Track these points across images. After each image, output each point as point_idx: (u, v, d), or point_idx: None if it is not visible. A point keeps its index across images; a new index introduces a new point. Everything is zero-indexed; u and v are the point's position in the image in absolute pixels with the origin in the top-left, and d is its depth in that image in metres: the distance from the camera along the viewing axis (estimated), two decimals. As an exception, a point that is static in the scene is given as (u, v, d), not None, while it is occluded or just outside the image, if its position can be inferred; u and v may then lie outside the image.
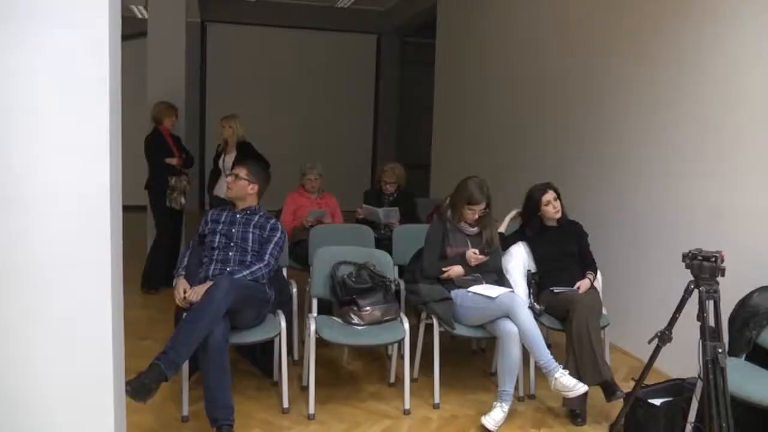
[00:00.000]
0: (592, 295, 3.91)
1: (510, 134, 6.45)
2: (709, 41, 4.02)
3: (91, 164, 2.26)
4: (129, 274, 2.73)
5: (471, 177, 3.98)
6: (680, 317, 2.92)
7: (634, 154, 4.67)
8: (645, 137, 4.56)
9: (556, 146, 5.57)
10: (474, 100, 7.31)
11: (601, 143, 5.00)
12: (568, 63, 5.44)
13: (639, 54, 4.59)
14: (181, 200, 5.74)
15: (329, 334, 3.61)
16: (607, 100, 4.95)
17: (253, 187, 3.81)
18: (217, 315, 3.19)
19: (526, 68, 6.17)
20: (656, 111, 4.46)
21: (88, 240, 2.28)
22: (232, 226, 3.75)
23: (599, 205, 4.96)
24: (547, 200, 4.11)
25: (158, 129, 5.77)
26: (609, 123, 4.92)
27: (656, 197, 4.47)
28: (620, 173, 4.80)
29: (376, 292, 3.83)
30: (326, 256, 4.00)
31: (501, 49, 6.71)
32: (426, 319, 3.89)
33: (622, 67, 4.77)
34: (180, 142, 6.00)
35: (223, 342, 3.19)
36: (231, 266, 3.63)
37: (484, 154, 7.00)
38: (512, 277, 4.05)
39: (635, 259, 4.63)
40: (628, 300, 4.62)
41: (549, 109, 5.74)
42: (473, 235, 4.01)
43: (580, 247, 4.14)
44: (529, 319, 3.58)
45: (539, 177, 4.44)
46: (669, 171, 4.36)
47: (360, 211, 5.27)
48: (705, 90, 4.05)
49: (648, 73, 4.52)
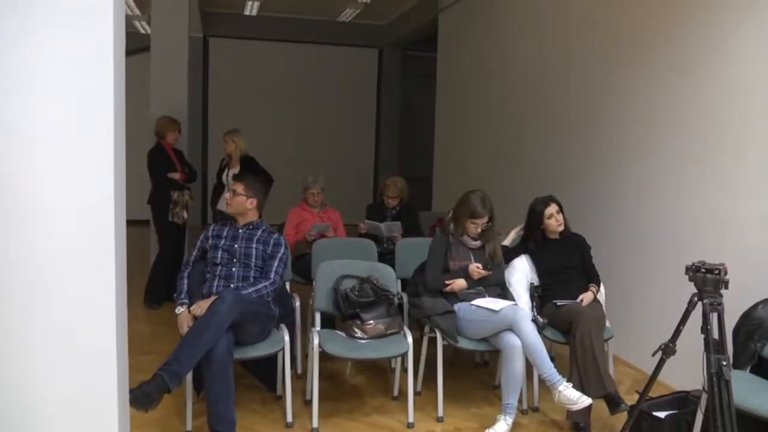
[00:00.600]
0: (596, 308, 3.91)
1: (512, 146, 6.47)
2: (713, 47, 4.02)
3: (95, 178, 2.27)
4: (132, 289, 2.74)
5: (474, 190, 3.99)
6: (684, 329, 2.92)
7: (635, 165, 4.68)
8: (647, 147, 4.57)
9: (558, 157, 5.58)
10: (475, 112, 7.34)
11: (603, 154, 5.01)
12: (570, 74, 5.47)
13: (640, 64, 4.62)
14: (183, 215, 5.74)
15: (332, 347, 3.61)
16: (608, 111, 4.96)
17: (251, 201, 3.82)
18: (221, 328, 3.18)
19: (527, 80, 6.20)
20: (658, 120, 4.47)
21: (92, 254, 2.29)
22: (234, 241, 3.75)
23: (602, 216, 4.96)
24: (550, 213, 4.11)
25: (161, 143, 5.79)
26: (611, 134, 4.94)
27: (659, 207, 4.47)
28: (622, 184, 4.81)
29: (379, 306, 3.83)
30: (329, 269, 4.00)
31: (502, 61, 6.75)
32: (429, 332, 3.89)
33: (622, 77, 4.79)
34: (182, 156, 6.00)
35: (227, 355, 3.19)
36: (234, 282, 3.62)
37: (486, 167, 7.02)
38: (515, 290, 4.05)
39: (638, 271, 4.63)
40: (632, 312, 4.62)
41: (551, 120, 5.76)
42: (476, 249, 4.02)
43: (583, 259, 4.14)
44: (533, 332, 3.58)
45: (542, 189, 4.45)
46: (671, 180, 4.36)
47: (362, 227, 5.28)
48: (708, 98, 4.06)
49: (649, 83, 4.54)
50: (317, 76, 10.60)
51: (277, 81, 10.45)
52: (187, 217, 5.81)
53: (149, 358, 4.15)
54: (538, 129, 5.97)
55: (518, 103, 6.37)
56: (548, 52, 5.84)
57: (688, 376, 3.27)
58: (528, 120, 6.17)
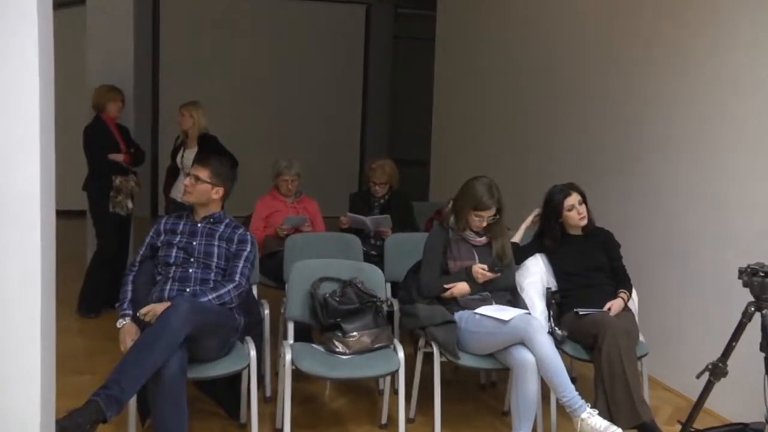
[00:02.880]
0: (626, 318, 3.92)
1: (525, 126, 6.48)
2: (748, 29, 4.03)
3: (16, 160, 2.24)
4: (63, 295, 2.71)
5: (478, 177, 4.00)
6: (738, 345, 2.90)
7: (668, 148, 4.68)
8: (681, 127, 4.58)
9: (578, 140, 5.59)
10: (483, 82, 7.34)
11: (629, 136, 5.01)
12: (595, 38, 5.45)
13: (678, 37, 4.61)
14: (128, 204, 5.73)
15: (308, 365, 3.60)
16: (634, 86, 4.96)
17: (217, 191, 3.79)
18: (174, 342, 3.17)
19: (545, 47, 6.19)
20: (695, 98, 4.47)
21: (12, 252, 2.25)
22: (192, 238, 3.74)
23: (628, 209, 4.98)
24: (571, 204, 4.12)
25: (100, 118, 5.76)
26: (637, 113, 4.94)
27: (697, 198, 4.48)
28: (653, 170, 4.82)
29: (365, 315, 3.84)
30: (305, 271, 4.00)
31: (516, 21, 6.73)
32: (425, 346, 3.90)
33: (657, 42, 4.78)
34: (128, 133, 5.99)
35: (180, 375, 3.18)
36: (191, 286, 3.62)
37: (494, 149, 7.03)
38: (528, 295, 4.06)
39: (678, 272, 4.64)
40: (670, 323, 4.63)
41: (569, 96, 5.75)
42: (481, 246, 4.03)
43: (610, 259, 4.16)
44: (549, 346, 3.59)
45: (559, 176, 4.45)
46: (710, 167, 4.37)
47: (344, 221, 5.27)
48: (748, 78, 4.07)
49: (687, 57, 4.53)
50: (291, 37, 10.56)
51: (244, 43, 10.39)
52: (132, 208, 5.80)
53: (83, 380, 4.14)
54: (555, 105, 5.98)
55: (533, 74, 6.36)
56: (571, 14, 5.82)
57: (744, 403, 3.26)
58: (544, 95, 6.17)
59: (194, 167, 3.85)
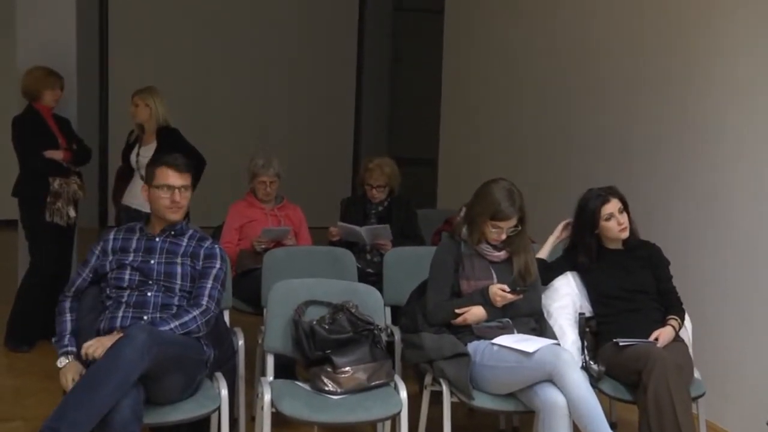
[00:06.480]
0: (678, 350, 3.94)
1: (555, 117, 6.46)
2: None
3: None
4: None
5: (496, 180, 4.01)
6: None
7: (728, 143, 4.69)
8: (747, 118, 4.59)
9: (616, 135, 5.58)
10: (503, 67, 7.33)
11: (680, 127, 5.01)
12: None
13: None
14: (69, 212, 5.68)
15: (291, 406, 3.62)
16: (694, 70, 4.98)
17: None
18: (127, 380, 3.19)
19: (576, 26, 6.20)
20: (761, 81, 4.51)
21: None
22: (149, 255, 3.75)
23: (679, 219, 4.99)
24: (609, 212, 4.14)
25: (33, 108, 5.70)
26: (694, 98, 4.94)
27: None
28: (711, 171, 4.82)
29: (360, 346, 3.85)
30: (287, 293, 4.02)
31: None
32: (432, 384, 3.91)
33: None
34: (69, 126, 5.94)
35: (134, 420, 3.20)
36: (150, 312, 3.63)
37: (515, 146, 7.03)
38: (557, 323, 4.09)
39: (738, 297, 4.66)
40: (731, 357, 4.64)
41: (607, 83, 5.75)
42: (500, 263, 4.05)
43: (657, 279, 4.18)
44: (583, 384, 3.60)
45: (592, 180, 4.46)
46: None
47: (334, 232, 5.29)
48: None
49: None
50: (270, 9, 10.52)
51: (212, 18, 10.35)
52: (75, 216, 5.77)
53: (13, 427, 4.14)
54: (589, 92, 5.98)
55: (562, 58, 6.35)
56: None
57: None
58: (576, 81, 6.15)
59: (172, 176, 3.75)
